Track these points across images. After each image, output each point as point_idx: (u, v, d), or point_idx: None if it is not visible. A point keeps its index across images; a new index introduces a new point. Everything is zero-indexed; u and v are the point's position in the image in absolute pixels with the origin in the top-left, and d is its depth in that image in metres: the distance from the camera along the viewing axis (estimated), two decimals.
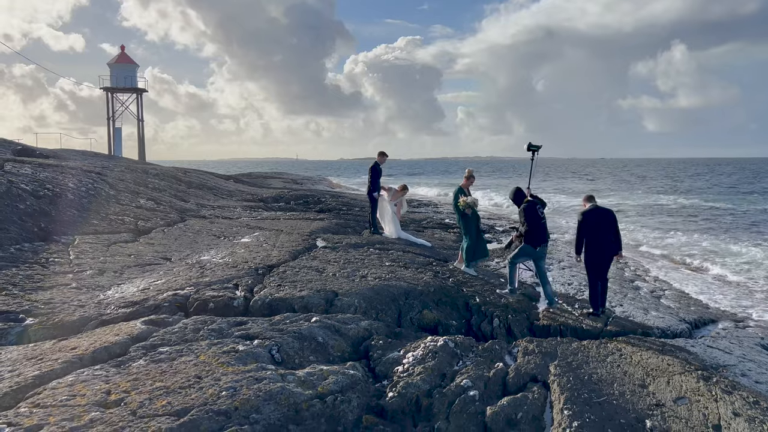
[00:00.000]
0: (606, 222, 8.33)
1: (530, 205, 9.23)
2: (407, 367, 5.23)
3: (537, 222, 9.15)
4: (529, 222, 9.06)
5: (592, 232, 8.33)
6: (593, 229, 8.32)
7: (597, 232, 8.32)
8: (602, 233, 8.31)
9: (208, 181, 26.42)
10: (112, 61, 50.03)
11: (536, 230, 9.15)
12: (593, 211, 8.40)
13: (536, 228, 9.14)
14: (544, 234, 9.30)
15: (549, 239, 9.69)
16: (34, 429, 3.25)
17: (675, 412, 5.22)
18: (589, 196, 8.70)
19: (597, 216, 8.35)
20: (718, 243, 17.98)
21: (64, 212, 10.62)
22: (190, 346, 4.72)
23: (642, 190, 47.19)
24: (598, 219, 8.33)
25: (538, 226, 9.16)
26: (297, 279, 7.65)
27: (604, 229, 8.31)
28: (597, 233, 8.32)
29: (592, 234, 8.32)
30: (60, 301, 6.12)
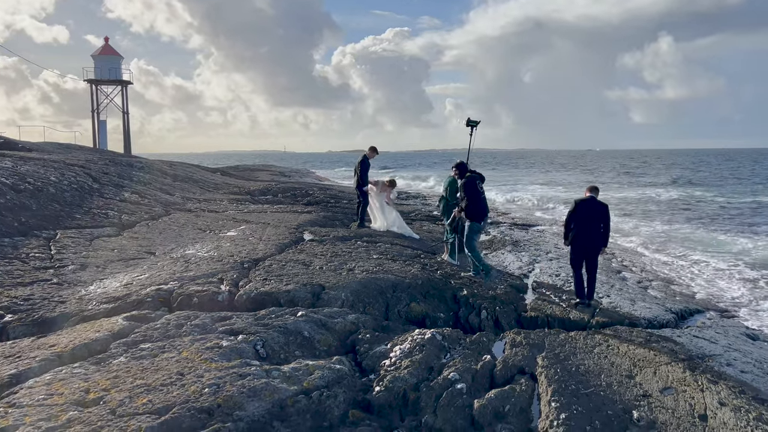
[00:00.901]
0: (597, 214, 8.35)
1: (471, 180, 9.48)
2: (394, 361, 5.18)
3: (477, 196, 9.44)
4: (469, 196, 9.31)
5: (581, 222, 8.35)
6: (583, 219, 8.35)
7: (587, 222, 8.35)
8: (592, 224, 8.34)
9: (194, 174, 26.19)
10: (96, 52, 49.35)
11: (477, 204, 9.45)
12: (586, 202, 8.42)
13: (477, 202, 9.44)
14: (485, 208, 9.62)
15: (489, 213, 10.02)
16: (9, 429, 3.15)
17: (662, 402, 5.22)
18: (593, 187, 8.69)
19: (589, 207, 8.37)
20: (706, 233, 18.13)
21: (46, 206, 10.44)
22: (173, 342, 4.63)
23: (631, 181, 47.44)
24: (590, 210, 8.35)
25: (478, 200, 9.45)
26: (283, 273, 7.56)
27: (595, 221, 8.34)
28: (587, 224, 8.34)
29: (581, 224, 8.35)
30: (40, 297, 5.99)
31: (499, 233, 16.24)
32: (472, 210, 9.40)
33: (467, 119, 10.12)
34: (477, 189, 9.48)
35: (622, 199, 30.58)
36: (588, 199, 8.41)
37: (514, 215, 22.05)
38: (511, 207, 26.68)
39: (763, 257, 14.35)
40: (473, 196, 9.39)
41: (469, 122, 10.06)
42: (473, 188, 9.41)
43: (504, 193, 34.13)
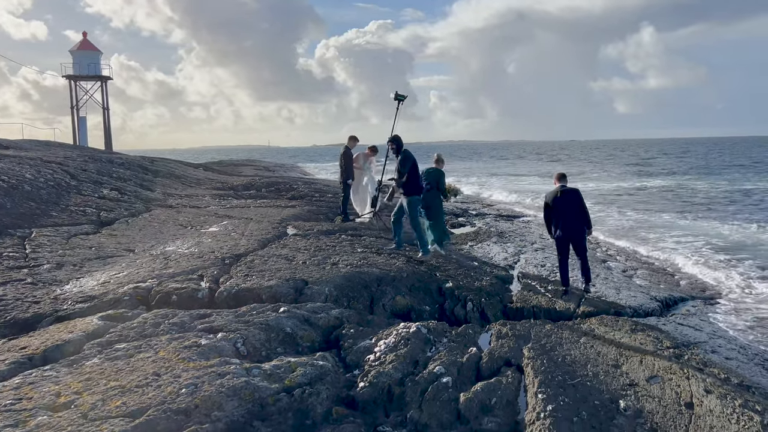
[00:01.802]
0: (571, 202, 8.47)
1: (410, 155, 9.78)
2: (379, 356, 5.09)
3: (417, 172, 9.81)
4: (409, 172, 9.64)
5: (557, 212, 8.47)
6: (558, 209, 8.46)
7: (563, 211, 8.46)
8: (569, 212, 8.46)
9: (176, 169, 25.86)
10: (74, 48, 48.53)
11: (417, 179, 9.84)
12: (556, 192, 8.54)
13: (417, 178, 9.82)
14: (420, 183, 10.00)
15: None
16: None
17: (648, 391, 5.22)
18: (561, 175, 8.80)
19: (561, 196, 8.48)
20: (693, 221, 18.21)
21: (21, 205, 10.18)
22: (149, 342, 4.48)
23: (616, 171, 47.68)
24: (563, 199, 8.46)
25: (418, 176, 9.83)
26: (265, 268, 7.43)
27: (571, 208, 8.46)
28: (563, 213, 8.45)
29: (558, 214, 8.46)
30: (13, 297, 5.80)
31: (485, 224, 16.20)
32: (412, 186, 9.74)
33: (395, 93, 10.31)
34: (416, 165, 9.81)
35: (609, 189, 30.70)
36: (560, 190, 8.52)
37: (500, 206, 22.06)
38: (497, 198, 26.70)
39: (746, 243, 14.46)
40: (415, 171, 9.71)
41: (397, 96, 10.30)
42: (413, 164, 9.72)
43: (488, 186, 34.19)
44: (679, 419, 4.64)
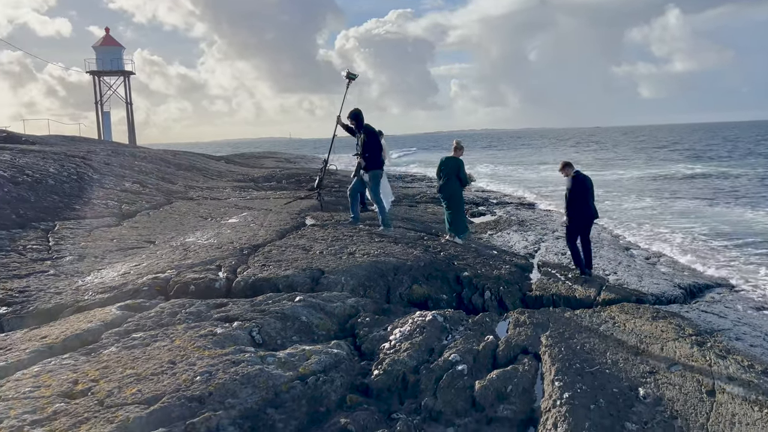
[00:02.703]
0: (588, 188, 8.59)
1: (373, 131, 10.17)
2: (394, 344, 5.10)
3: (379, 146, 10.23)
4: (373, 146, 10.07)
5: (580, 198, 8.53)
6: (581, 194, 8.52)
7: (584, 197, 8.54)
8: (588, 199, 8.58)
9: (197, 162, 26.13)
10: (97, 43, 49.18)
11: (379, 154, 10.25)
12: (579, 177, 8.59)
13: (379, 152, 10.23)
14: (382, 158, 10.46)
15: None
16: None
17: (668, 378, 5.16)
18: (568, 163, 8.85)
19: (582, 182, 8.54)
20: (725, 209, 17.80)
21: (45, 198, 10.38)
22: (166, 331, 4.54)
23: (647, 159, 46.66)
24: (584, 185, 8.53)
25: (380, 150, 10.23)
26: (282, 258, 7.47)
27: (589, 195, 8.59)
28: (584, 199, 8.54)
29: (581, 199, 8.52)
30: (36, 288, 5.92)
31: (505, 213, 16.10)
32: (373, 160, 10.16)
33: (347, 71, 10.56)
34: (379, 140, 10.26)
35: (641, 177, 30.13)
36: (579, 175, 8.61)
37: (521, 195, 21.88)
38: (518, 187, 26.48)
39: None
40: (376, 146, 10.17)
41: (349, 75, 10.56)
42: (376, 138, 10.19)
43: (509, 175, 33.90)
44: (700, 407, 4.58)
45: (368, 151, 10.13)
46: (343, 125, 10.48)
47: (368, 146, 10.13)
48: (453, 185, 10.46)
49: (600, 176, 31.75)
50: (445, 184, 10.45)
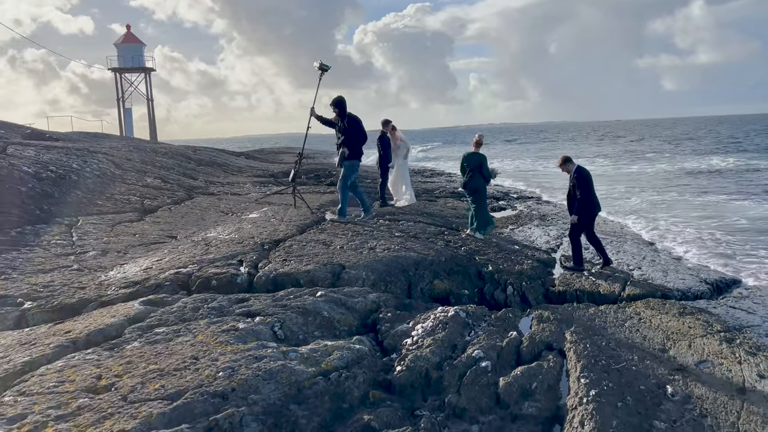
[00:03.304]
0: (591, 181, 8.60)
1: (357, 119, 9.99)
2: (416, 340, 5.04)
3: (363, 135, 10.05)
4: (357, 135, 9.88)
5: (587, 192, 8.50)
6: (588, 189, 8.50)
7: (590, 192, 8.55)
8: (593, 192, 8.60)
9: (217, 158, 26.28)
10: (118, 41, 49.70)
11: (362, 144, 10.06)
12: (582, 172, 8.56)
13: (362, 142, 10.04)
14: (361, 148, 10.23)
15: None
16: (17, 419, 3.09)
17: (697, 376, 5.05)
18: (568, 158, 8.78)
19: (586, 176, 8.52)
20: (752, 204, 17.40)
21: (68, 194, 10.48)
22: (188, 326, 4.53)
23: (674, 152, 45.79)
24: (587, 179, 8.52)
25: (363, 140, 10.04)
26: (303, 253, 7.46)
27: (592, 188, 8.60)
28: (590, 193, 8.56)
29: (587, 194, 8.49)
30: (60, 283, 5.97)
31: (526, 208, 15.96)
32: (355, 150, 9.93)
33: (319, 62, 10.25)
34: (363, 129, 10.05)
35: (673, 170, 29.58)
36: (580, 170, 8.58)
37: (542, 189, 21.67)
38: (539, 181, 26.24)
39: None
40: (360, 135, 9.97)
41: (322, 66, 10.24)
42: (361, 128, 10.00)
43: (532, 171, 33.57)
44: (730, 405, 4.47)
45: (352, 140, 9.87)
46: (317, 117, 10.18)
47: (353, 134, 9.87)
48: (477, 180, 10.37)
49: (627, 170, 31.35)
50: (469, 180, 10.35)
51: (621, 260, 9.81)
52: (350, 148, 9.87)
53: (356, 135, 9.97)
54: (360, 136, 10.05)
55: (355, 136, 9.95)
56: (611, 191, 21.65)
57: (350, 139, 9.88)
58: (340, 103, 9.86)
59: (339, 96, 9.91)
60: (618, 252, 10.51)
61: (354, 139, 9.93)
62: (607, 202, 18.17)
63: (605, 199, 18.72)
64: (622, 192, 21.41)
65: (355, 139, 9.95)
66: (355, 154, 9.99)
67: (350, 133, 9.89)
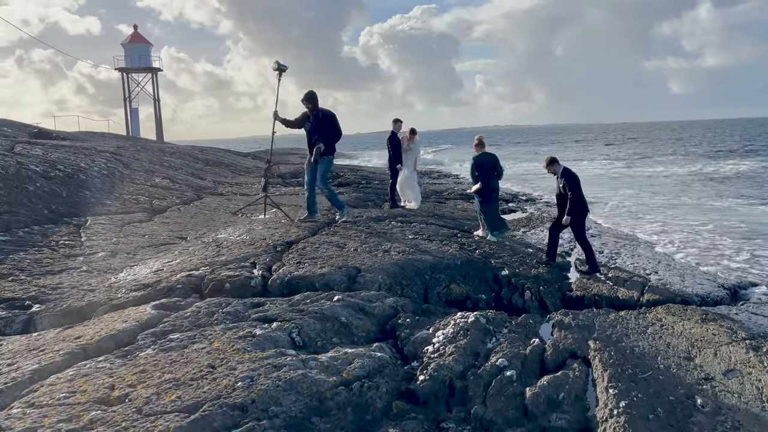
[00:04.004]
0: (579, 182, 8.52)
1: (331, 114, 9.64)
2: (437, 347, 4.86)
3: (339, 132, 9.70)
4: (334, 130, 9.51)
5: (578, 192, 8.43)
6: (577, 189, 8.43)
7: (580, 192, 8.49)
8: (581, 193, 8.52)
9: (225, 158, 26.18)
10: (126, 41, 49.70)
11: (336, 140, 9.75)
12: (570, 172, 8.51)
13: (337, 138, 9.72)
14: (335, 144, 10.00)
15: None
16: None
17: (726, 386, 4.87)
18: (554, 159, 8.69)
19: (574, 176, 8.47)
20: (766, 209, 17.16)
21: (76, 193, 10.33)
22: (203, 332, 4.34)
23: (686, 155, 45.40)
24: (576, 179, 8.46)
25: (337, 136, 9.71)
26: (317, 255, 7.27)
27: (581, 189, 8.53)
28: (580, 193, 8.49)
29: (578, 194, 8.43)
30: (69, 285, 5.80)
31: (536, 210, 15.80)
32: (332, 145, 9.56)
33: (276, 63, 9.80)
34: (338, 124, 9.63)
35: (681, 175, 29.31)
36: (567, 171, 8.53)
37: (551, 192, 21.48)
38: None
39: None
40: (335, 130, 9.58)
41: (279, 66, 9.77)
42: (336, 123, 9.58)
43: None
44: (763, 417, 4.28)
45: (327, 135, 9.38)
46: (282, 121, 9.70)
47: (328, 129, 9.38)
48: (495, 181, 10.30)
49: (641, 172, 31.08)
50: (489, 181, 10.20)
51: (637, 264, 9.69)
52: (326, 143, 9.37)
53: (331, 130, 9.47)
54: (335, 132, 9.55)
55: (330, 131, 9.46)
56: (624, 194, 21.47)
57: (325, 134, 9.37)
58: (313, 97, 9.38)
59: (310, 90, 9.44)
60: (633, 256, 10.39)
61: (329, 134, 9.43)
62: (621, 206, 18.00)
63: (618, 204, 18.58)
64: (636, 195, 21.22)
65: (330, 135, 9.45)
66: (330, 149, 9.51)
67: (325, 127, 9.37)
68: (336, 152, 9.84)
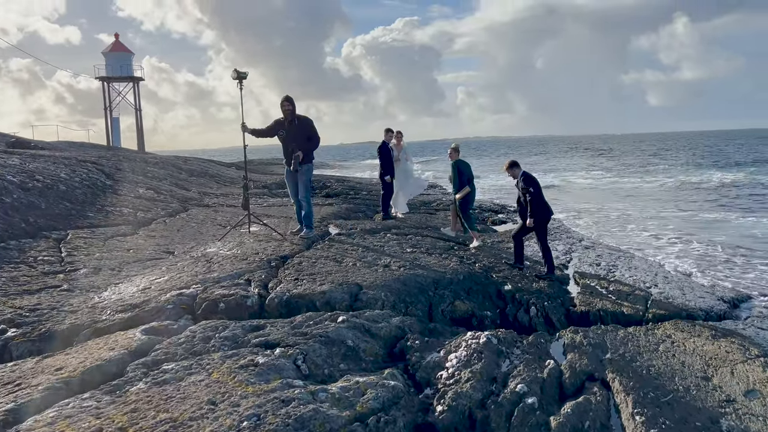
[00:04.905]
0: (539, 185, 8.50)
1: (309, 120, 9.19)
2: (452, 372, 4.50)
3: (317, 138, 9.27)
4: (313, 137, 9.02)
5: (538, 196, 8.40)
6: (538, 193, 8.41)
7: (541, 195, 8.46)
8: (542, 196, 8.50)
9: (209, 168, 25.64)
10: (107, 49, 48.91)
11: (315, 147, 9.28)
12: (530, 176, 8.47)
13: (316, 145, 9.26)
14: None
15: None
16: None
17: (749, 408, 4.65)
18: (515, 162, 8.68)
19: (534, 180, 8.43)
20: (753, 220, 17.17)
21: (56, 205, 9.79)
22: (200, 361, 3.90)
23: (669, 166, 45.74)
24: (536, 182, 8.41)
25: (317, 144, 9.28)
26: (315, 271, 6.86)
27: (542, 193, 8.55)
28: (541, 197, 8.45)
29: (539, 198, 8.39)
30: (48, 306, 5.31)
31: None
32: (310, 152, 9.09)
33: (235, 71, 9.32)
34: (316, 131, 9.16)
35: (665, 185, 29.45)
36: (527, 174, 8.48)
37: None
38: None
39: None
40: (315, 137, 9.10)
41: (239, 75, 9.27)
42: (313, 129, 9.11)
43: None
44: None
45: (305, 142, 8.79)
46: (250, 131, 9.11)
47: (306, 136, 8.79)
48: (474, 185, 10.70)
49: (628, 184, 31.14)
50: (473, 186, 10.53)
51: (636, 277, 9.54)
52: (304, 151, 8.81)
53: (310, 137, 8.88)
54: (314, 138, 8.95)
55: (309, 138, 8.87)
56: (613, 205, 21.43)
57: (303, 140, 8.80)
58: (291, 100, 8.83)
59: (287, 95, 8.89)
60: (630, 268, 10.26)
61: (307, 141, 8.85)
62: (611, 217, 17.92)
63: (608, 215, 18.50)
64: (625, 206, 21.21)
65: (308, 142, 8.86)
66: (309, 156, 8.95)
67: (302, 134, 8.81)
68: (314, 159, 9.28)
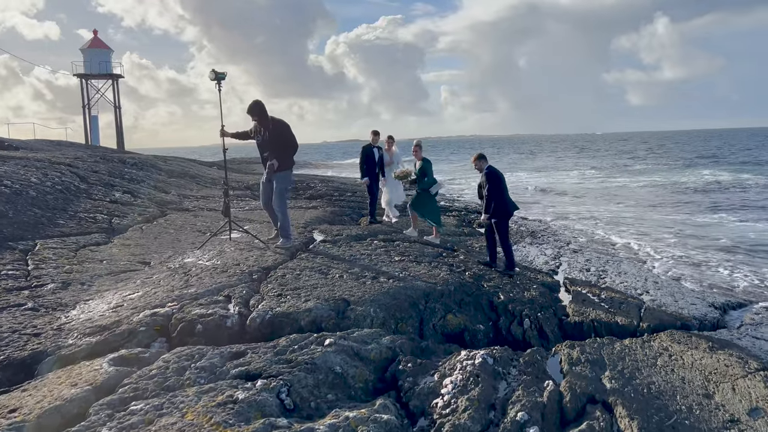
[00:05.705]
0: (503, 180, 8.49)
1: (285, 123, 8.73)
2: (448, 400, 4.18)
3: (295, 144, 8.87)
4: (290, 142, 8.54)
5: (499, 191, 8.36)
6: (499, 188, 8.37)
7: (502, 191, 8.42)
8: (505, 192, 8.49)
9: (190, 169, 25.10)
10: (85, 46, 47.88)
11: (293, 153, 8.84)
12: (493, 171, 8.45)
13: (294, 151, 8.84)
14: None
15: None
16: None
17: (754, 428, 4.49)
18: (482, 155, 8.72)
19: (497, 175, 8.40)
20: (739, 223, 17.16)
21: (24, 212, 9.29)
22: (173, 398, 3.49)
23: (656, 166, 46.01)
24: (498, 178, 8.39)
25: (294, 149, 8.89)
26: (299, 285, 6.48)
27: (505, 188, 8.51)
28: (502, 192, 8.42)
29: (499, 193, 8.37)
30: (9, 328, 4.86)
31: (512, 223, 15.37)
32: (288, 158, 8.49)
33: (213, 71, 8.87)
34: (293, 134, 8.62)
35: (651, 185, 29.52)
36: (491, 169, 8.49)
37: (523, 207, 21.25)
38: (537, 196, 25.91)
39: None
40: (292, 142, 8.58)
41: (217, 75, 8.82)
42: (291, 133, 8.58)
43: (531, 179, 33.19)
44: None
45: (281, 148, 8.32)
46: (231, 135, 8.67)
47: (282, 141, 8.33)
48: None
49: (614, 183, 31.19)
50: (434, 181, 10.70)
51: (626, 283, 9.44)
52: (280, 158, 8.29)
53: (284, 143, 8.38)
54: (290, 144, 8.45)
55: (284, 143, 8.38)
56: (601, 206, 21.40)
57: (278, 147, 8.32)
58: (257, 107, 8.30)
59: (255, 100, 8.36)
60: (620, 274, 10.18)
61: (283, 146, 8.36)
62: (599, 219, 17.84)
63: (596, 216, 18.39)
64: (612, 207, 21.19)
65: (283, 149, 8.37)
66: (286, 163, 8.43)
67: (277, 140, 8.32)
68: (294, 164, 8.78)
